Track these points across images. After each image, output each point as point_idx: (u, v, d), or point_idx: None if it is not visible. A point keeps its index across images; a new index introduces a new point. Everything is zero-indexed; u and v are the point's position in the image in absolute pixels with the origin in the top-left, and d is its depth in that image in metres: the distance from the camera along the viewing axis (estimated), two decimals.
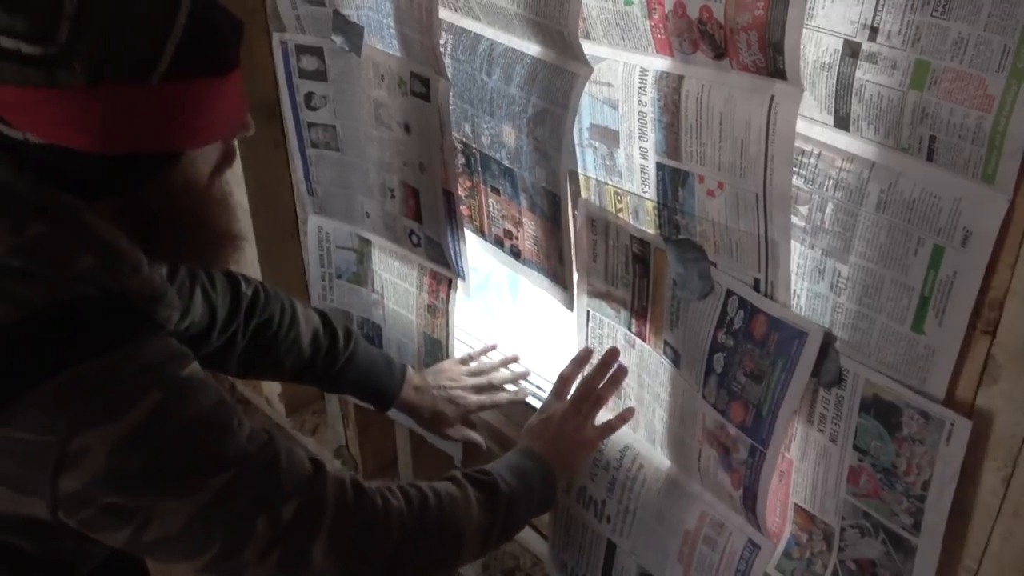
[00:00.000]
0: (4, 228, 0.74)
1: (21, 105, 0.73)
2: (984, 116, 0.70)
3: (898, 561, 0.89)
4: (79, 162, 0.75)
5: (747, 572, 1.03)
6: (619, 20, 0.93)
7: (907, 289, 0.81)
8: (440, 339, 1.39)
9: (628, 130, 0.99)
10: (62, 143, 0.74)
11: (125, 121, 0.75)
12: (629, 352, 1.15)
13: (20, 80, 0.71)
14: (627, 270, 1.09)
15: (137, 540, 0.79)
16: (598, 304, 1.16)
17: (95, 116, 0.73)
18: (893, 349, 0.83)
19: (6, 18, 0.70)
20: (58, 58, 0.71)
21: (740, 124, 0.85)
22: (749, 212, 0.89)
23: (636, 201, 1.03)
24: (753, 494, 0.97)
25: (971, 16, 0.68)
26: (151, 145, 0.77)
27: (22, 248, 0.74)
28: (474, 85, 1.13)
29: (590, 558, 1.27)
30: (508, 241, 1.21)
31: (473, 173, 1.21)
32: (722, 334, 0.97)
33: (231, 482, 0.80)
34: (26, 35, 0.70)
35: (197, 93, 0.77)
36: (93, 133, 0.74)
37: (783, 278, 0.90)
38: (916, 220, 0.78)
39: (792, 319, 0.91)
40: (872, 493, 0.89)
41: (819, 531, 0.96)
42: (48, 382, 0.74)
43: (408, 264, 1.39)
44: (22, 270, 0.74)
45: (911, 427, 0.84)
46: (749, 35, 0.80)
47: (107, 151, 0.75)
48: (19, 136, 0.75)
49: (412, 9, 1.12)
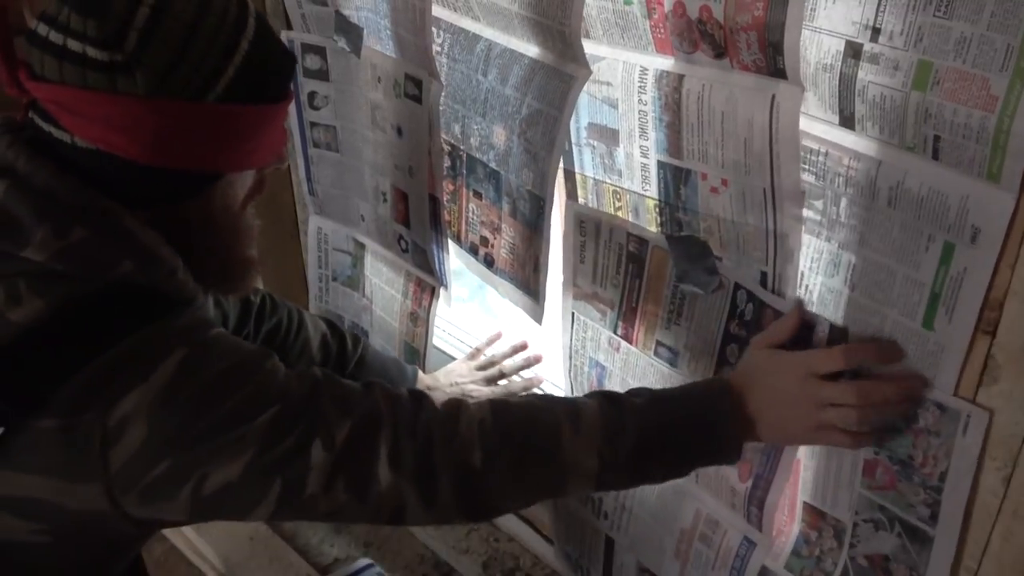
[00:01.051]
0: (48, 233, 0.75)
1: (76, 107, 0.75)
2: (988, 116, 0.69)
3: (914, 553, 0.89)
4: (122, 169, 0.77)
5: (743, 569, 1.03)
6: (619, 19, 0.93)
7: (918, 285, 0.80)
8: (418, 348, 1.38)
9: (628, 129, 0.98)
10: (109, 149, 0.76)
11: (175, 136, 0.76)
12: (613, 356, 1.14)
13: (80, 82, 0.73)
14: (618, 270, 1.09)
15: (198, 500, 0.77)
16: (583, 307, 1.15)
17: (147, 127, 0.75)
18: (904, 345, 0.83)
19: (78, 21, 0.73)
20: (122, 65, 0.73)
21: (743, 123, 0.85)
22: (757, 207, 0.89)
23: (636, 199, 1.03)
24: (768, 482, 0.97)
25: (974, 16, 0.67)
26: (196, 163, 0.79)
27: (66, 252, 0.75)
28: (468, 85, 1.12)
29: (591, 552, 1.28)
30: (483, 249, 1.21)
31: (457, 176, 1.20)
32: (735, 325, 0.97)
33: (276, 417, 0.77)
34: (94, 39, 0.72)
35: (247, 118, 0.79)
36: (142, 143, 0.76)
37: (791, 272, 0.89)
38: (926, 217, 0.77)
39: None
40: (889, 485, 0.89)
41: (829, 528, 0.97)
42: (83, 371, 0.75)
43: (396, 270, 1.39)
44: (64, 273, 0.76)
45: (927, 419, 0.84)
46: (749, 35, 0.79)
47: (152, 162, 0.77)
48: (66, 138, 0.77)
49: (407, 10, 1.11)
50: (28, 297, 0.75)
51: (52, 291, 0.76)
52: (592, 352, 1.17)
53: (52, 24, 0.75)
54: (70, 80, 0.74)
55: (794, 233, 0.87)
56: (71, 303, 0.76)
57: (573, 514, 1.29)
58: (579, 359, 1.20)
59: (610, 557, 1.25)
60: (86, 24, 0.73)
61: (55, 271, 0.76)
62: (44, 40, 0.75)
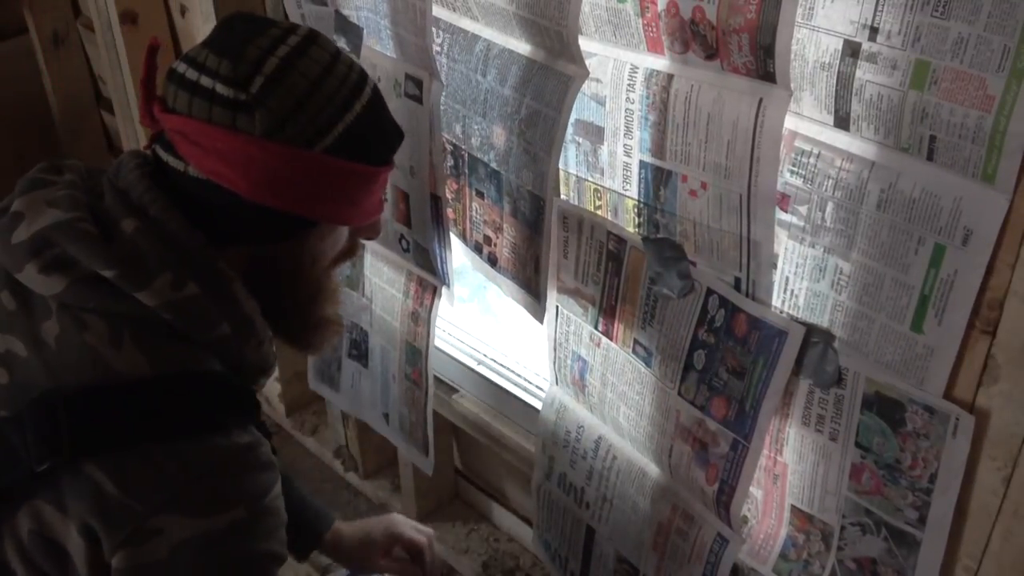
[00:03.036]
0: (166, 283, 0.80)
1: (198, 138, 0.81)
2: (984, 116, 0.70)
3: (900, 557, 0.89)
4: (227, 201, 0.82)
5: (716, 564, 1.04)
6: (611, 17, 0.93)
7: (907, 288, 0.80)
8: (420, 348, 1.38)
9: (614, 127, 0.99)
10: (220, 181, 0.82)
11: (281, 177, 0.82)
12: (594, 351, 1.15)
13: (205, 116, 0.80)
14: (599, 267, 1.09)
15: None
16: (566, 301, 1.16)
17: (258, 165, 0.81)
18: (892, 348, 0.83)
19: (214, 60, 0.80)
20: (244, 104, 0.80)
21: (728, 125, 0.85)
22: (732, 212, 0.89)
23: (616, 199, 1.03)
24: (732, 488, 0.98)
25: (971, 16, 0.68)
26: (295, 206, 0.84)
27: (176, 305, 0.80)
28: (468, 85, 1.12)
29: (571, 542, 1.29)
30: (486, 248, 1.21)
31: (460, 176, 1.21)
32: (703, 331, 0.98)
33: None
34: (225, 77, 0.80)
35: (348, 174, 0.85)
36: (250, 179, 0.81)
37: (765, 278, 0.90)
38: (917, 219, 0.78)
39: (772, 319, 0.91)
40: (874, 490, 0.89)
41: (817, 531, 0.97)
42: (156, 445, 0.78)
43: (397, 270, 1.39)
44: (170, 324, 0.80)
45: (915, 422, 0.84)
46: (740, 37, 0.80)
47: (256, 198, 0.82)
48: (180, 166, 0.83)
49: (407, 10, 1.12)
50: (130, 347, 0.79)
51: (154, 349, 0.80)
52: (575, 346, 1.18)
53: (191, 63, 0.82)
54: (197, 113, 0.81)
55: (767, 240, 0.88)
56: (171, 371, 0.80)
57: (556, 501, 1.29)
58: (563, 352, 1.20)
59: (590, 547, 1.26)
60: (220, 63, 0.80)
61: (159, 320, 0.80)
62: (181, 76, 0.82)
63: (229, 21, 0.85)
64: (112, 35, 1.75)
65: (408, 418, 1.45)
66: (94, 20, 1.80)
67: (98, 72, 2.15)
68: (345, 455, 1.81)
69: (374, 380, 1.50)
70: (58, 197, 0.83)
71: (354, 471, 1.81)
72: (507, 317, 1.50)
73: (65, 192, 0.84)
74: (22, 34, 2.13)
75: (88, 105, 2.21)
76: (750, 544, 1.04)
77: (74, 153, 2.19)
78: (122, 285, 0.79)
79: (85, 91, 2.19)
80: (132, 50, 1.72)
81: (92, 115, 2.23)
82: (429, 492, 1.70)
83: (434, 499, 1.72)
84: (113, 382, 0.78)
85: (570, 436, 1.24)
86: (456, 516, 1.72)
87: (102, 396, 0.78)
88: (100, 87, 2.19)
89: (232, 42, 0.81)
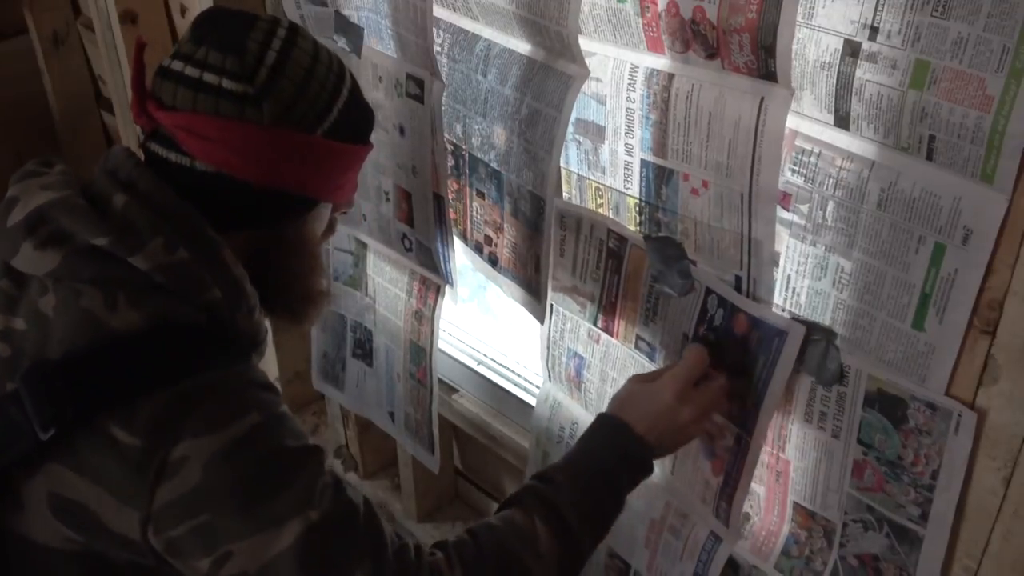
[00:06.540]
0: (159, 246, 0.82)
1: (205, 132, 0.84)
2: (983, 116, 0.70)
3: (903, 554, 0.90)
4: (235, 189, 0.86)
5: (709, 562, 1.05)
6: (611, 17, 0.93)
7: (908, 286, 0.81)
8: (424, 347, 1.38)
9: (614, 126, 0.99)
10: (229, 171, 0.85)
11: (286, 161, 0.86)
12: (593, 347, 1.15)
13: (212, 110, 0.83)
14: (598, 265, 1.10)
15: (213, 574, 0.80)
16: (562, 299, 1.16)
17: (265, 152, 0.85)
18: (893, 346, 0.84)
19: (217, 57, 0.83)
20: (252, 97, 0.83)
21: (729, 124, 0.86)
22: (734, 211, 0.89)
23: (618, 197, 1.03)
24: (735, 481, 0.98)
25: (971, 16, 0.69)
26: (299, 188, 0.89)
27: (168, 267, 0.82)
28: (469, 85, 1.13)
29: None
30: (487, 248, 1.22)
31: (461, 175, 1.22)
32: (704, 329, 0.98)
33: (311, 531, 0.79)
34: (231, 72, 0.83)
35: (343, 154, 0.91)
36: (258, 165, 0.85)
37: (766, 276, 0.91)
38: (917, 218, 0.78)
39: (772, 318, 0.91)
40: (877, 487, 0.90)
41: (819, 528, 0.97)
42: (161, 392, 0.79)
43: (400, 269, 1.39)
44: (162, 286, 0.82)
45: (917, 419, 0.84)
46: (741, 37, 0.80)
47: (263, 183, 0.86)
48: (185, 162, 0.85)
49: (408, 10, 1.12)
50: (124, 307, 0.81)
51: (148, 305, 0.82)
52: (571, 343, 1.18)
53: (188, 61, 0.84)
54: (202, 108, 0.83)
55: (768, 239, 0.88)
56: (165, 322, 0.82)
57: None
58: (557, 349, 1.21)
59: None
60: (224, 60, 0.83)
61: (153, 283, 0.82)
62: (179, 74, 0.84)
63: (212, 18, 0.88)
64: (112, 35, 1.75)
65: (413, 417, 1.46)
66: (94, 20, 1.80)
67: (98, 72, 2.15)
68: (345, 455, 1.82)
69: (379, 379, 1.51)
70: (51, 181, 0.86)
71: (354, 471, 1.81)
72: (507, 317, 1.51)
73: (58, 177, 0.87)
74: (22, 34, 2.14)
75: (88, 105, 2.22)
76: (752, 541, 1.04)
77: (74, 153, 2.19)
78: (115, 251, 0.81)
79: (85, 91, 2.20)
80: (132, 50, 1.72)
81: (92, 115, 2.23)
82: (429, 492, 1.70)
83: (434, 499, 1.72)
84: (110, 340, 0.81)
85: (564, 432, 1.25)
86: (456, 516, 1.72)
87: (101, 354, 0.80)
88: (100, 87, 2.19)
89: (229, 37, 0.84)
